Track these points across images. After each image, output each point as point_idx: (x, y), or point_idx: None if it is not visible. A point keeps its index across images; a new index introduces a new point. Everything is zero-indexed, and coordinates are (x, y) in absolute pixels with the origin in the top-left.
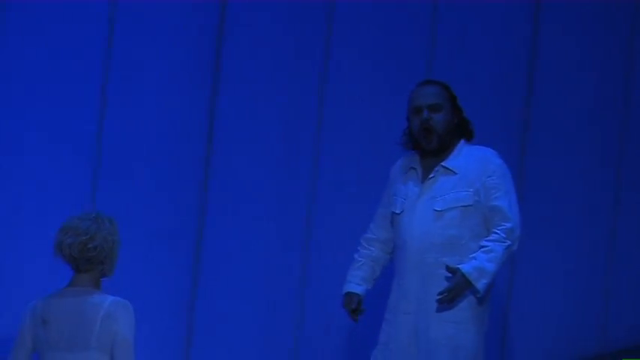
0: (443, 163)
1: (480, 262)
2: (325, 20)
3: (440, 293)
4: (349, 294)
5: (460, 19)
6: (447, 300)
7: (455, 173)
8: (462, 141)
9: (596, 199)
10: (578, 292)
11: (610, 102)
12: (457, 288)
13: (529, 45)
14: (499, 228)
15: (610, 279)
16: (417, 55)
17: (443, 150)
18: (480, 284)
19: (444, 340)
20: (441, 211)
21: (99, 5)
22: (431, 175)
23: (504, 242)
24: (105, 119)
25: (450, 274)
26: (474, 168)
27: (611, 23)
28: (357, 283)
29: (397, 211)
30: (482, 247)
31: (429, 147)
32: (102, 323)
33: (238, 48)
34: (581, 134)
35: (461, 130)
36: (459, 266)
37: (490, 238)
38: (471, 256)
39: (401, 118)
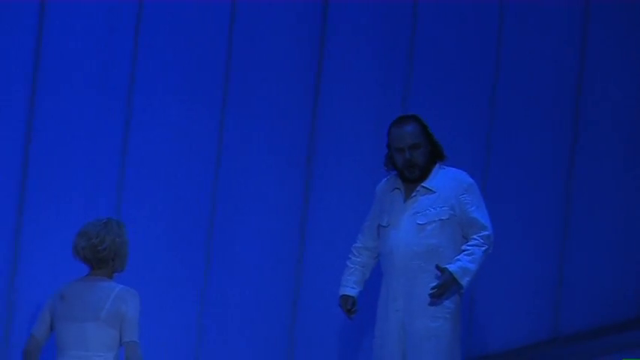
0: (423, 184)
1: (464, 263)
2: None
3: (432, 288)
4: (345, 296)
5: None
6: (437, 295)
7: (433, 192)
8: (438, 165)
9: (547, 201)
10: (533, 281)
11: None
12: (446, 284)
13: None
14: (478, 235)
15: (563, 268)
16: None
17: (422, 174)
18: (464, 281)
19: (427, 332)
20: (423, 224)
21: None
22: (413, 194)
23: (482, 246)
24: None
25: (439, 273)
26: (449, 187)
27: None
28: (351, 286)
29: (384, 225)
30: (464, 250)
31: (412, 177)
32: (112, 302)
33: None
34: (537, 138)
35: (435, 154)
36: (446, 266)
37: (470, 243)
38: (455, 257)
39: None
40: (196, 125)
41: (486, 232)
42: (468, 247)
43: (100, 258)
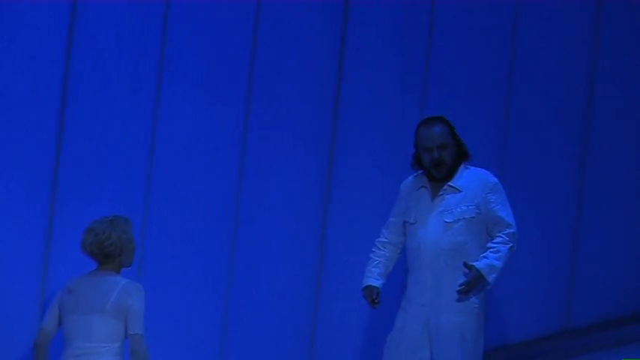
0: (450, 183)
1: (490, 260)
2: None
3: (460, 285)
4: (369, 287)
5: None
6: (465, 292)
7: (459, 191)
8: (463, 164)
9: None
10: (545, 276)
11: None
12: (473, 281)
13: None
14: (503, 233)
15: (575, 262)
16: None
17: (448, 173)
18: (491, 278)
19: (452, 327)
20: (450, 222)
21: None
22: (440, 193)
23: (508, 244)
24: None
25: (467, 270)
26: (475, 187)
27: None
28: (375, 278)
29: (411, 222)
30: (490, 248)
31: (440, 176)
32: (117, 296)
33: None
34: (550, 135)
35: (460, 154)
36: (474, 263)
37: (496, 240)
38: (482, 255)
39: None
40: (221, 123)
41: (511, 230)
42: (494, 245)
43: (107, 253)
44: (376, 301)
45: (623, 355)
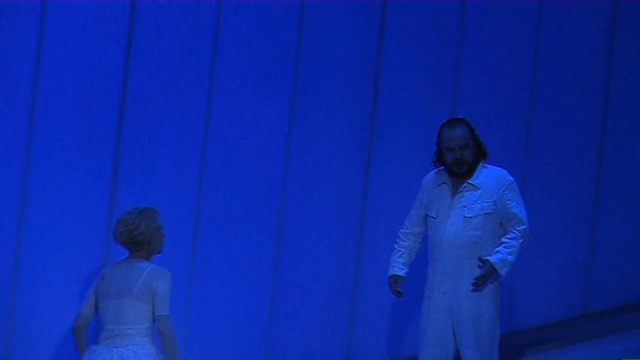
0: (469, 181)
1: (503, 255)
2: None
3: (475, 279)
4: (394, 276)
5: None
6: (480, 284)
7: (478, 188)
8: (482, 163)
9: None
10: (564, 263)
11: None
12: (487, 275)
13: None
14: (516, 229)
15: (594, 251)
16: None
17: (468, 171)
18: (503, 272)
19: (471, 311)
20: (470, 217)
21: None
22: (460, 190)
23: (520, 239)
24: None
25: (481, 264)
26: (492, 184)
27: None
28: (399, 267)
29: (433, 216)
30: (504, 243)
31: (461, 172)
32: (144, 280)
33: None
34: (570, 131)
35: (479, 153)
36: (488, 258)
37: (509, 236)
38: (495, 250)
39: None
40: (268, 122)
41: (523, 227)
42: (507, 240)
43: (136, 242)
44: (399, 289)
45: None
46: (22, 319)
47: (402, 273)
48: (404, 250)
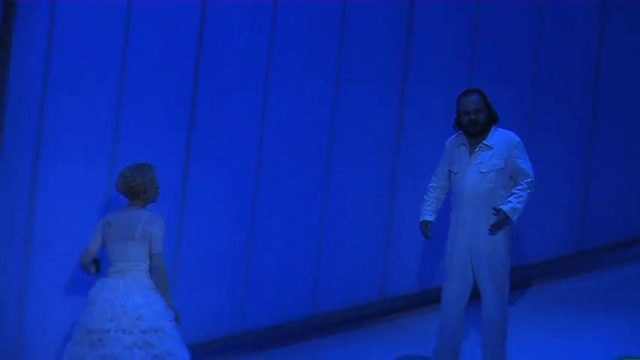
0: (484, 142)
1: (514, 204)
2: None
3: (491, 225)
4: (425, 222)
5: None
6: (495, 229)
7: (491, 148)
8: (494, 127)
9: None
10: (561, 204)
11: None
12: (501, 221)
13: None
14: (524, 181)
15: (587, 194)
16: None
17: (482, 133)
18: (515, 218)
19: (487, 251)
20: (484, 172)
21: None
22: (476, 150)
23: (527, 190)
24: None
25: (495, 212)
26: (503, 145)
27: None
28: (429, 214)
29: (455, 171)
30: (514, 193)
31: (475, 131)
32: (143, 225)
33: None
34: (565, 99)
35: (492, 118)
36: (501, 207)
37: (518, 187)
38: (508, 199)
39: None
40: (314, 107)
41: (530, 179)
42: (516, 191)
43: (134, 192)
44: (428, 233)
45: (631, 271)
46: (32, 316)
47: (431, 219)
48: (432, 200)
